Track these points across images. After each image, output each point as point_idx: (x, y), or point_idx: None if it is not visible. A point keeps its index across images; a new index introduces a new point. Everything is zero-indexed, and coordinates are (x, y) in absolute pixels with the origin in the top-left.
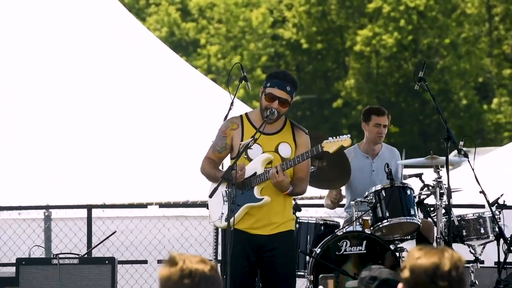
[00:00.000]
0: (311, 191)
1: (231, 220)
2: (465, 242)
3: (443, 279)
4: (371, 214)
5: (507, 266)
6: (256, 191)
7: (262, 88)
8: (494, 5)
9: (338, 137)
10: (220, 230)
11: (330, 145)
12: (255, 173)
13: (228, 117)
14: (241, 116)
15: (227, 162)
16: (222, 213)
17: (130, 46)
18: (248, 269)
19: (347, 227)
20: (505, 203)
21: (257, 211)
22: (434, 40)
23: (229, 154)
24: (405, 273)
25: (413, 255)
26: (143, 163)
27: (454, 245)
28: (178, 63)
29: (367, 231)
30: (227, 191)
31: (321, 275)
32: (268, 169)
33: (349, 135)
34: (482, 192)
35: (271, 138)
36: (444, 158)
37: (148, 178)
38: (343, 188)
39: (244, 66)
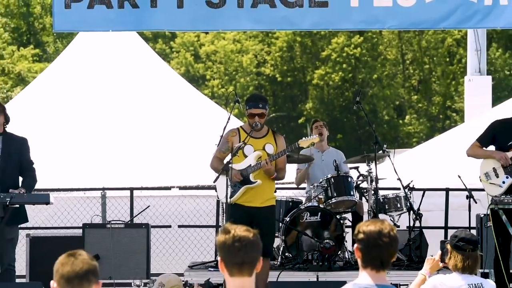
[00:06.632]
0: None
1: (231, 196)
2: (387, 213)
3: (385, 236)
4: (324, 194)
5: (415, 229)
6: (251, 177)
7: (246, 110)
8: (406, 52)
9: (309, 136)
10: (223, 205)
11: (304, 142)
12: (250, 165)
13: (227, 128)
14: (237, 128)
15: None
16: (227, 193)
17: (159, 81)
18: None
19: (307, 203)
20: (414, 186)
21: (252, 189)
22: (366, 76)
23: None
24: (360, 235)
25: (364, 224)
26: (169, 158)
27: (380, 215)
28: (192, 92)
29: (321, 206)
30: (227, 179)
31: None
32: (259, 162)
33: (317, 135)
34: (399, 179)
35: (259, 140)
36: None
37: (171, 168)
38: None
39: (238, 93)
